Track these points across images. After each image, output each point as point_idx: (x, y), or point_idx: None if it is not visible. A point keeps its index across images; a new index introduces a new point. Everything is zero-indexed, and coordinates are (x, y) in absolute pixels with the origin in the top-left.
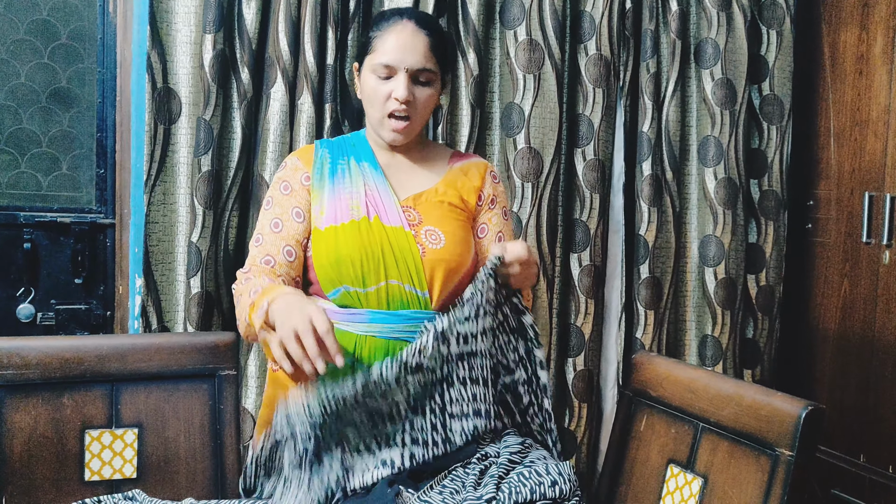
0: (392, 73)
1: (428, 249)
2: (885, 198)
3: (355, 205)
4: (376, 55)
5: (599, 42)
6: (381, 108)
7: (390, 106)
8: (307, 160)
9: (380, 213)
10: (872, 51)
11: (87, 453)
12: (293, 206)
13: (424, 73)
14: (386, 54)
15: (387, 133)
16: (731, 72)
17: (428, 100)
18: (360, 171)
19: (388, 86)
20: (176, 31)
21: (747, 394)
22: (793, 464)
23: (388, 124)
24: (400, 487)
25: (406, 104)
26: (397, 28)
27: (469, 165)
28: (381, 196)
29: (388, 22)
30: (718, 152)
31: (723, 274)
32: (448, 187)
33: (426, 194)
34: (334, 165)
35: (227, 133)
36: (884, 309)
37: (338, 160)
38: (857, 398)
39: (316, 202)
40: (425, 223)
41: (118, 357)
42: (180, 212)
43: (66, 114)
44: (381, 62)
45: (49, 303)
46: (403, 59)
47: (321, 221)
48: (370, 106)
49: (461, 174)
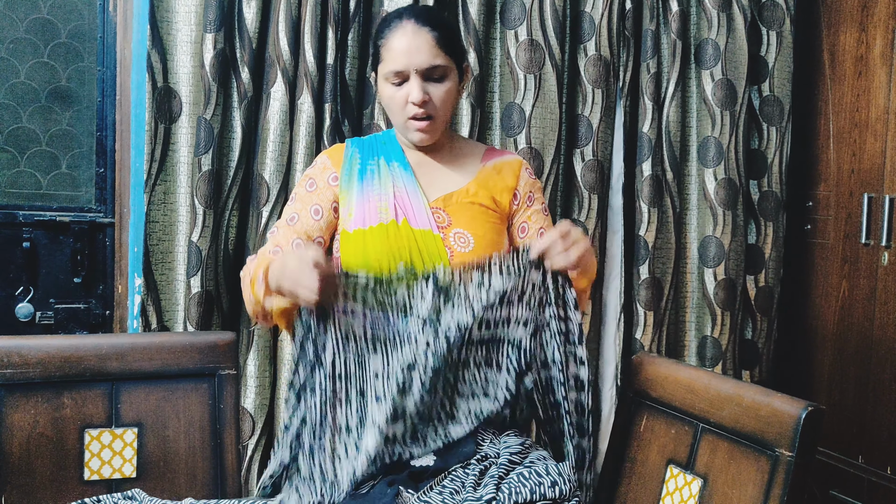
0: (403, 77)
1: (456, 253)
2: (883, 199)
3: (384, 207)
4: (385, 64)
5: (599, 43)
6: (402, 114)
7: (409, 111)
8: (336, 160)
9: (408, 216)
10: (872, 52)
11: (86, 452)
12: (313, 204)
13: (436, 69)
14: (393, 61)
15: (412, 135)
16: (732, 72)
17: (446, 95)
18: (389, 171)
19: (403, 91)
20: (176, 31)
21: (747, 394)
22: (792, 464)
23: (411, 127)
24: (399, 488)
25: (423, 105)
26: (399, 31)
27: (503, 164)
28: (409, 197)
29: (390, 27)
30: (718, 153)
31: (723, 275)
32: (480, 188)
33: (457, 195)
34: (364, 166)
35: (227, 132)
36: (882, 310)
37: (368, 161)
38: (856, 399)
39: (344, 204)
40: (454, 225)
41: (118, 356)
42: (180, 211)
43: (65, 113)
44: (391, 70)
45: (48, 302)
46: (410, 62)
47: (349, 224)
48: (391, 113)
49: (494, 173)
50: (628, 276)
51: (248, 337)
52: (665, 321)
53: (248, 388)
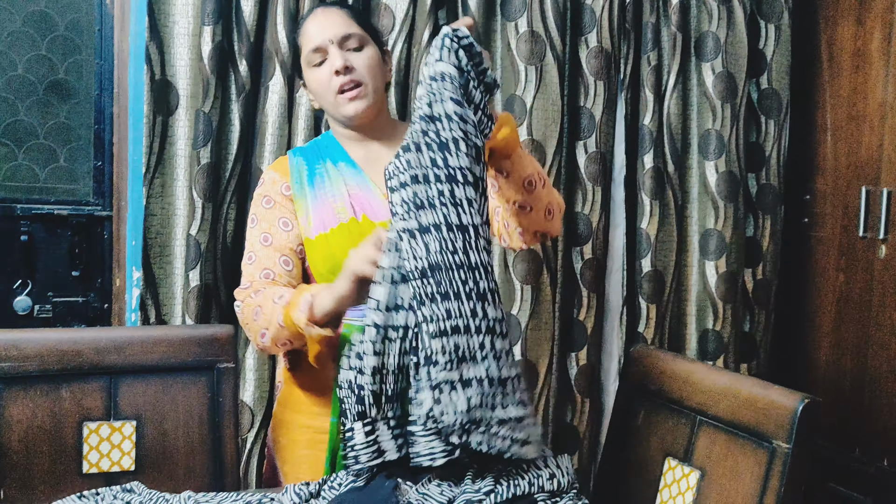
0: (323, 54)
1: None
2: (881, 192)
3: (340, 208)
4: (304, 49)
5: (600, 34)
6: (330, 91)
7: (336, 83)
8: (283, 171)
9: (367, 211)
10: (869, 46)
11: (85, 445)
12: (279, 217)
13: (351, 38)
14: (310, 40)
15: (347, 108)
16: (732, 65)
17: (370, 61)
18: (338, 172)
19: (325, 68)
20: (174, 23)
21: (744, 387)
22: (790, 456)
23: (342, 101)
24: (398, 480)
25: (347, 71)
26: (310, 17)
27: None
28: (363, 193)
29: (303, 20)
30: (720, 146)
31: (724, 268)
32: None
33: None
34: (312, 172)
35: (225, 125)
36: (879, 302)
37: (314, 165)
38: (853, 391)
39: (301, 212)
40: None
41: (116, 349)
42: (178, 204)
43: (63, 106)
44: (309, 49)
45: (46, 295)
46: (324, 34)
47: (310, 231)
48: (321, 98)
49: None
50: (630, 270)
51: None
52: (668, 315)
53: (246, 382)
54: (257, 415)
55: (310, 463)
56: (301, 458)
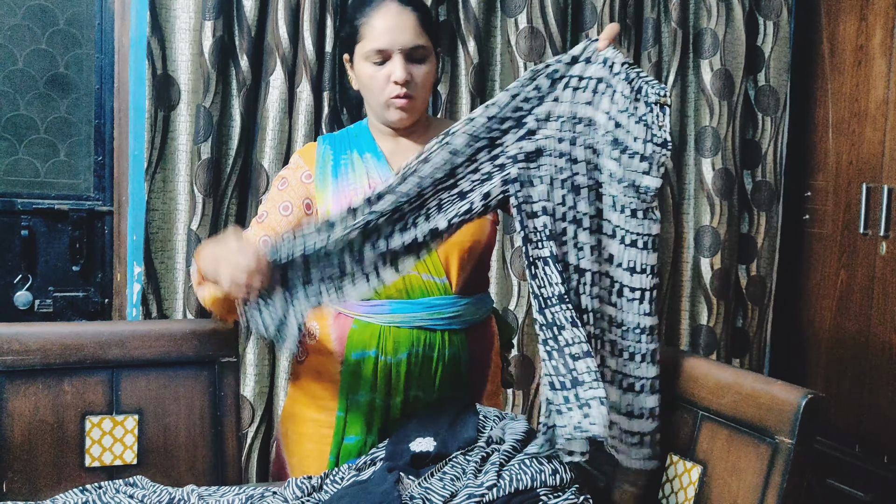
0: (386, 56)
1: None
2: (882, 189)
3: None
4: (367, 42)
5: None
6: (381, 94)
7: (391, 90)
8: (309, 158)
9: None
10: (871, 42)
11: (87, 439)
12: (283, 201)
13: (418, 50)
14: (377, 39)
15: (392, 115)
16: (730, 63)
17: (426, 76)
18: (362, 163)
19: (385, 70)
20: (175, 18)
21: (747, 382)
22: (792, 451)
23: (392, 106)
24: (400, 474)
25: (405, 84)
26: (382, 10)
27: None
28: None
29: (371, 6)
30: (716, 143)
31: (718, 264)
32: None
33: None
34: (337, 162)
35: (226, 120)
36: (880, 300)
37: (340, 156)
38: (853, 388)
39: (321, 202)
40: None
41: (119, 343)
42: (179, 199)
43: (63, 100)
44: (373, 48)
45: (47, 290)
46: (395, 40)
47: None
48: (369, 94)
49: None
50: None
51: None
52: (664, 310)
53: (247, 377)
54: (258, 409)
55: (316, 457)
56: (308, 451)
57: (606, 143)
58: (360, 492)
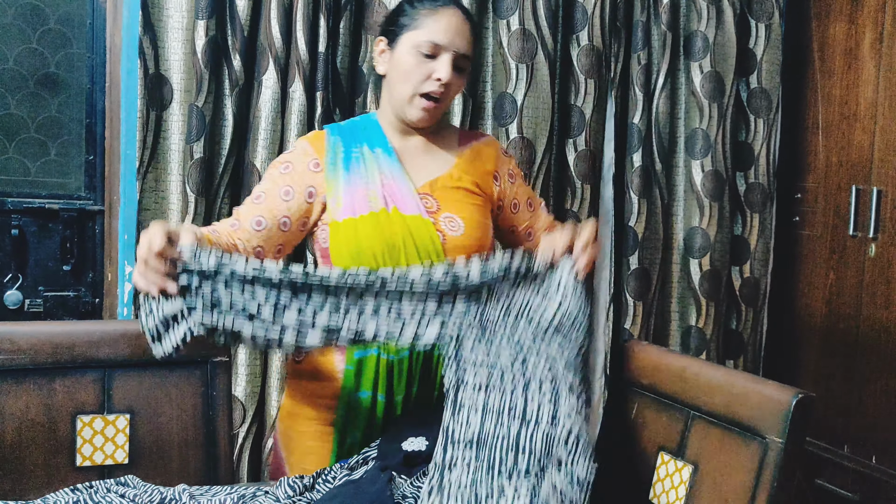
0: (437, 52)
1: (448, 237)
2: (871, 191)
3: (372, 195)
4: (423, 33)
5: (591, 33)
6: (416, 87)
7: (428, 86)
8: (319, 147)
9: (398, 203)
10: (861, 45)
11: (78, 439)
12: (285, 185)
13: (465, 59)
14: (437, 33)
15: (415, 111)
16: (720, 65)
17: (458, 87)
18: (374, 158)
19: (430, 65)
20: (168, 17)
21: (738, 382)
22: (782, 450)
23: (419, 103)
24: (392, 473)
25: (444, 87)
26: (448, 11)
27: (480, 147)
28: (397, 185)
29: (438, 2)
30: (706, 145)
31: (708, 266)
32: (463, 172)
33: (441, 180)
34: (348, 154)
35: (218, 120)
36: (869, 301)
37: (351, 148)
38: (842, 389)
39: (331, 194)
40: (443, 210)
41: (110, 343)
42: (172, 199)
43: (54, 99)
44: (430, 40)
45: (37, 290)
46: (453, 42)
47: (338, 213)
48: (403, 82)
49: (474, 157)
50: (618, 267)
51: None
52: (653, 311)
53: (238, 377)
54: (249, 409)
55: (316, 455)
56: (308, 449)
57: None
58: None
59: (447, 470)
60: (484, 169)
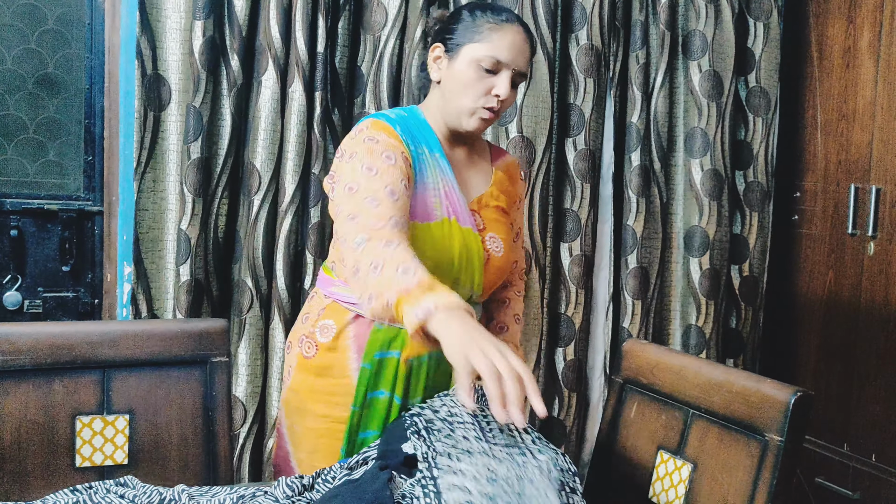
0: (499, 69)
1: (492, 256)
2: (870, 190)
3: (437, 203)
4: (488, 47)
5: (590, 32)
6: (477, 101)
7: (489, 101)
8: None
9: (457, 215)
10: (859, 44)
11: (78, 439)
12: (401, 179)
13: (521, 77)
14: (502, 51)
15: (473, 122)
16: (719, 64)
17: (512, 102)
18: (436, 164)
19: (491, 80)
20: (165, 18)
21: (737, 380)
22: (782, 449)
23: (478, 115)
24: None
25: (501, 103)
26: (513, 28)
27: (507, 166)
28: (456, 196)
29: (502, 17)
30: (705, 144)
31: (707, 264)
32: (500, 191)
33: (484, 198)
34: (417, 154)
35: (216, 120)
36: (868, 300)
37: (417, 148)
38: (841, 387)
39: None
40: (488, 230)
41: (110, 343)
42: (170, 199)
43: (53, 100)
44: (494, 56)
45: (36, 290)
46: (516, 60)
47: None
48: (461, 95)
49: (506, 177)
50: (616, 266)
51: (239, 325)
52: (652, 310)
53: (239, 377)
54: (250, 410)
55: (325, 452)
56: (317, 446)
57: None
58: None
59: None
60: (514, 189)
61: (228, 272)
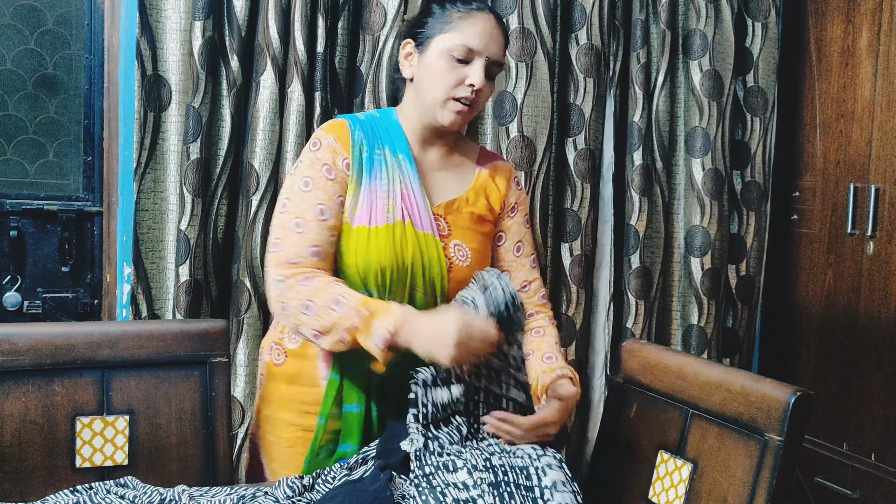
0: (471, 57)
1: (455, 266)
2: (869, 189)
3: (390, 206)
4: (458, 36)
5: (590, 31)
6: (448, 91)
7: (460, 92)
8: (345, 143)
9: (413, 218)
10: (858, 43)
11: (78, 440)
12: (337, 195)
13: (497, 66)
14: (474, 38)
15: (447, 115)
16: (719, 63)
17: (489, 93)
18: (396, 164)
19: (462, 70)
20: (165, 18)
21: (736, 380)
22: (781, 449)
23: (451, 106)
24: (393, 473)
25: (475, 92)
26: (483, 17)
27: (496, 170)
28: (415, 199)
29: (472, 6)
30: (706, 143)
31: (709, 264)
32: (478, 196)
33: (457, 203)
34: (371, 155)
35: (216, 121)
36: (867, 299)
37: (374, 149)
38: (841, 387)
39: (351, 195)
40: (453, 236)
41: (109, 344)
42: (170, 200)
43: (52, 100)
44: (464, 44)
45: (36, 291)
46: (488, 47)
47: (352, 218)
48: (434, 87)
49: (490, 181)
50: (618, 266)
51: (237, 325)
52: (655, 310)
53: (237, 377)
54: (248, 410)
55: (298, 461)
56: (289, 455)
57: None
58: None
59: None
60: (498, 193)
61: (228, 273)
